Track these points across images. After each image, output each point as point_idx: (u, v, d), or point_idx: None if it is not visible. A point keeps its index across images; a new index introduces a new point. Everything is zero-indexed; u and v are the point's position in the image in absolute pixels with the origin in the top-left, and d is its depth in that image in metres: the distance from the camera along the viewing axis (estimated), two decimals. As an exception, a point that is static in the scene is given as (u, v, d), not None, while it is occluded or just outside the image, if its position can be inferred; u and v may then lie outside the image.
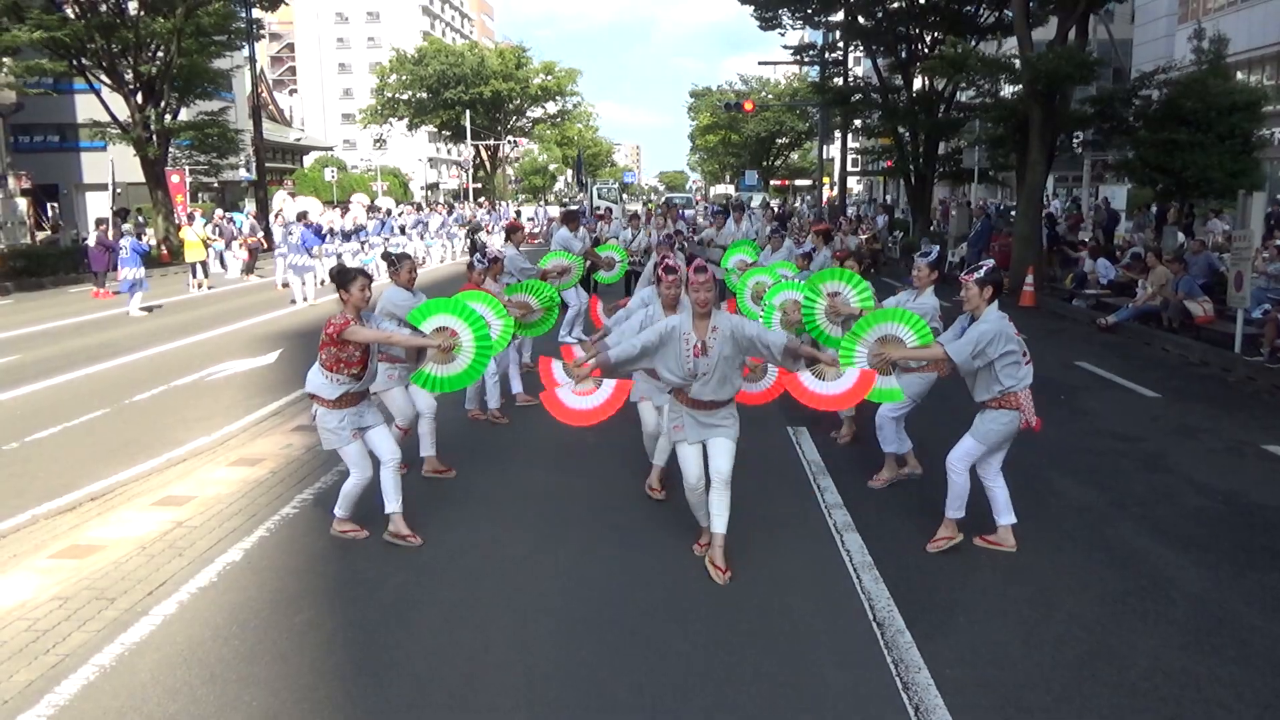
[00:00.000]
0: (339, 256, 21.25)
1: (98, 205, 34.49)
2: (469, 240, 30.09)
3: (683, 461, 5.33)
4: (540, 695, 4.16)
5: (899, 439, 6.87)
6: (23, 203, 29.68)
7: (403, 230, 26.17)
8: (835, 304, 7.00)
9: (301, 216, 20.47)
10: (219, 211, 32.35)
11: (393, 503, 5.81)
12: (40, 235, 29.62)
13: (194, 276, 21.83)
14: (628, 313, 6.81)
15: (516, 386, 9.61)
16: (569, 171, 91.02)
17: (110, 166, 26.88)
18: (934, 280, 6.74)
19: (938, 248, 8.60)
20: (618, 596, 5.13)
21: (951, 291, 6.80)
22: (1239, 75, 26.66)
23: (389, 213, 29.71)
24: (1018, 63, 18.88)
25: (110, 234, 21.14)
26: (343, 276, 5.62)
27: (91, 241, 21.86)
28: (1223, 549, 5.86)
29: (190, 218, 25.27)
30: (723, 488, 5.22)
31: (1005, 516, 5.70)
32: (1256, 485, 7.19)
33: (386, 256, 7.44)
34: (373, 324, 5.74)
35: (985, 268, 5.52)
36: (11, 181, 29.85)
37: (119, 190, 30.86)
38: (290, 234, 18.89)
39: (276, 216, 22.11)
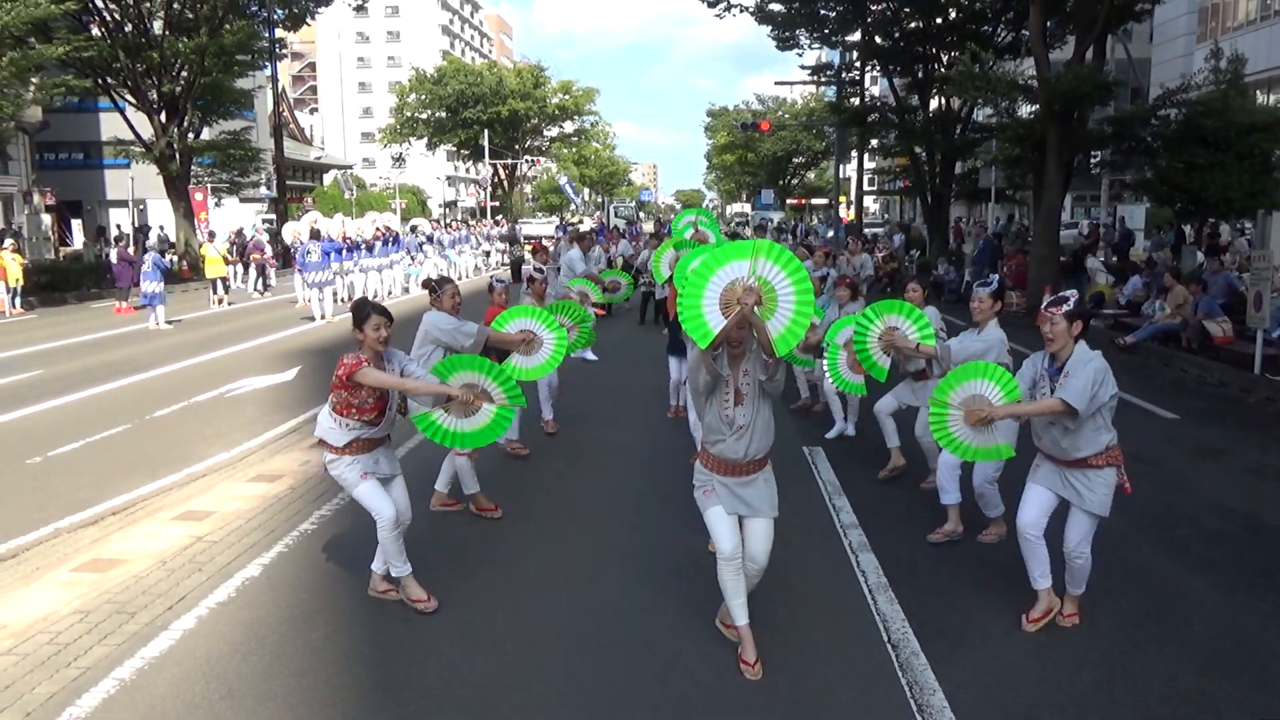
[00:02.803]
0: (360, 270, 21.52)
1: (121, 222, 34.96)
2: (509, 257, 29.86)
3: (714, 529, 4.52)
4: (554, 713, 4.17)
5: (997, 500, 6.19)
6: (47, 218, 30.12)
7: (420, 247, 26.32)
8: (894, 338, 6.39)
9: (315, 235, 20.63)
10: (241, 228, 32.67)
11: (400, 565, 5.21)
12: (64, 250, 30.04)
13: (215, 292, 22.05)
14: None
15: (548, 413, 9.26)
16: (586, 190, 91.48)
17: (130, 184, 27.31)
18: (997, 311, 6.26)
19: (997, 276, 8.24)
20: (631, 615, 5.14)
21: (966, 313, 6.71)
22: (1258, 94, 26.59)
23: (414, 229, 29.82)
24: (1035, 82, 18.89)
25: (131, 249, 21.40)
26: (358, 313, 5.07)
27: (114, 257, 22.14)
28: (1242, 571, 5.82)
29: (211, 235, 25.55)
30: (756, 575, 4.58)
31: (1046, 579, 5.03)
32: (1277, 507, 7.14)
33: (428, 283, 7.10)
34: (395, 365, 5.15)
35: (1072, 299, 4.86)
36: (36, 198, 30.32)
37: (141, 207, 31.27)
38: (310, 252, 19.04)
39: (295, 237, 22.26)
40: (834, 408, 9.10)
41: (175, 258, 29.58)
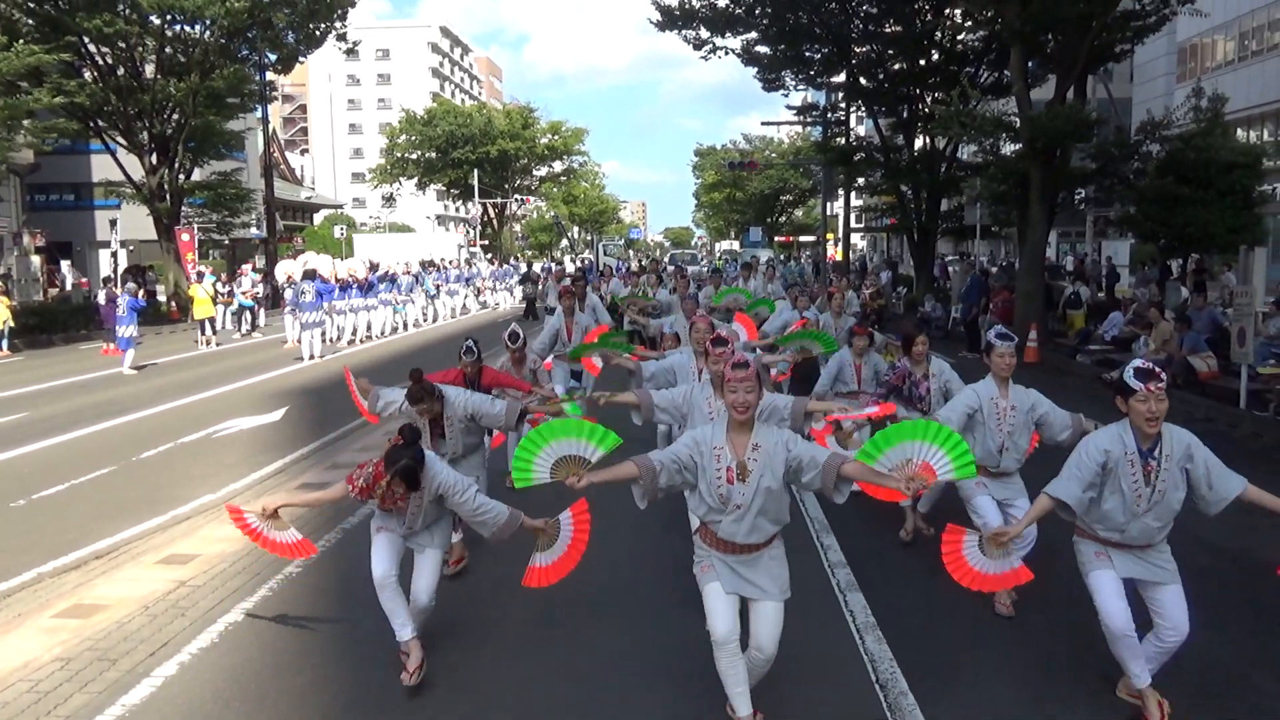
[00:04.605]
0: (351, 310, 21.60)
1: (104, 263, 34.94)
2: (525, 300, 29.62)
3: (710, 608, 4.02)
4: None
5: None
6: (36, 260, 30.07)
7: (412, 287, 26.41)
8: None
9: (309, 275, 20.68)
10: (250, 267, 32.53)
11: (397, 628, 4.83)
12: (52, 292, 29.98)
13: (202, 333, 22.00)
14: (663, 371, 6.47)
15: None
16: (575, 229, 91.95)
17: (114, 226, 27.16)
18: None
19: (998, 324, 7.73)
20: (621, 657, 5.12)
21: (953, 350, 6.71)
22: (1239, 132, 27.00)
23: (430, 266, 29.76)
24: (1017, 121, 19.15)
25: (118, 290, 21.42)
26: (398, 468, 4.54)
27: (102, 299, 22.12)
28: (1231, 609, 5.81)
29: (199, 275, 25.51)
30: (763, 665, 4.11)
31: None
32: (1265, 544, 7.12)
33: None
34: (429, 488, 4.73)
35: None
36: (26, 239, 30.29)
37: (131, 248, 31.22)
38: (304, 293, 19.04)
39: (288, 278, 22.28)
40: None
41: (164, 298, 29.56)
